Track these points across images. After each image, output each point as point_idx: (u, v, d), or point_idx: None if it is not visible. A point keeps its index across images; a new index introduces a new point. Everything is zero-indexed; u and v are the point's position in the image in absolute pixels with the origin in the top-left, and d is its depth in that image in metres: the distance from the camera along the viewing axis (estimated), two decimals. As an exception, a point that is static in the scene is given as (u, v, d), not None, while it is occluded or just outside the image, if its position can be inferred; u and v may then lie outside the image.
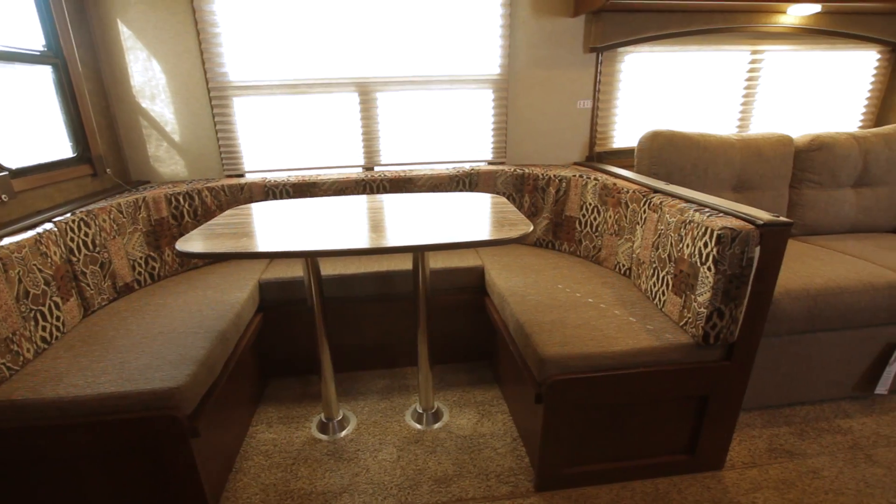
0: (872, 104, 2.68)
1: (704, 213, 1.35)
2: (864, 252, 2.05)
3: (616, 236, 1.88)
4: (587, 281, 1.82)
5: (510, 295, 1.72)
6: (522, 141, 2.44)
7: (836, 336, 1.78)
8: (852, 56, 2.56)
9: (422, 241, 1.27)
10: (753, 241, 1.22)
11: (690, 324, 1.38)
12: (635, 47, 2.32)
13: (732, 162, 2.14)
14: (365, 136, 2.37)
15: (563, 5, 2.24)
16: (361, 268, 1.99)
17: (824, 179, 2.24)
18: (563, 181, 2.12)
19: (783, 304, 1.65)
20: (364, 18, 2.17)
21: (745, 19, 2.30)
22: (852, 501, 1.48)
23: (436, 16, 2.20)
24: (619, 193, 1.83)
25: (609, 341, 1.39)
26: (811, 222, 2.28)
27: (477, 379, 2.12)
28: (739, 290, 1.27)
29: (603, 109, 2.42)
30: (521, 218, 1.44)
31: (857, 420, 1.84)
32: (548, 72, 2.33)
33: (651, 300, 1.62)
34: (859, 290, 1.73)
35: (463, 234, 1.31)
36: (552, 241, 2.21)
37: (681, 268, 1.41)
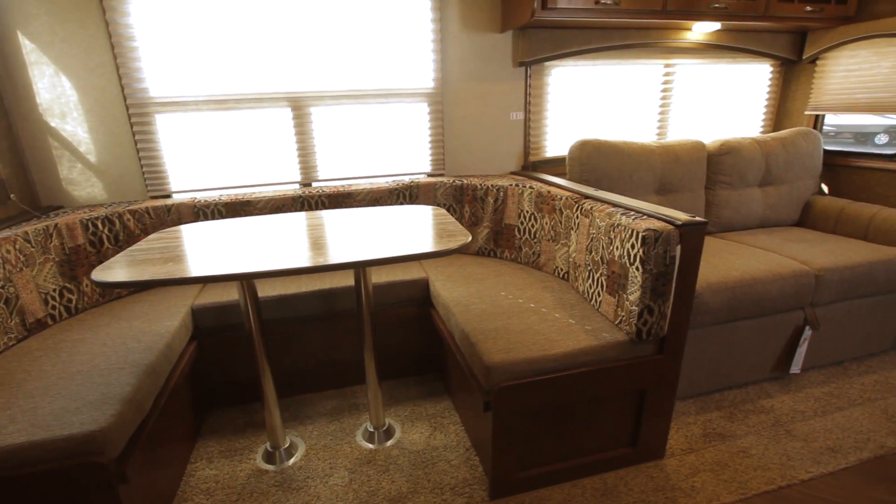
0: (770, 111, 2.98)
1: (630, 217, 1.44)
2: (771, 245, 2.26)
3: (553, 242, 1.95)
4: (528, 286, 1.87)
5: (455, 305, 1.73)
6: (460, 152, 2.49)
7: (754, 323, 1.95)
8: (751, 68, 2.84)
9: (362, 256, 1.25)
10: (674, 241, 1.31)
11: (624, 322, 1.46)
12: (561, 61, 2.45)
13: (654, 167, 2.29)
14: (301, 152, 2.32)
15: (491, 22, 2.32)
16: (303, 287, 1.94)
17: (734, 180, 2.46)
18: (501, 191, 2.18)
19: (705, 297, 1.78)
20: (295, 32, 2.14)
21: (657, 35, 2.49)
22: (777, 475, 1.61)
23: (368, 30, 2.20)
24: (554, 200, 1.91)
25: (551, 344, 1.43)
26: (725, 220, 2.49)
27: (428, 392, 2.11)
28: (665, 287, 1.36)
29: (534, 120, 2.52)
30: (460, 229, 1.46)
31: (777, 399, 2.01)
32: (480, 85, 2.40)
33: (588, 301, 1.69)
34: (770, 279, 1.90)
35: (403, 247, 1.31)
36: (494, 249, 2.26)
37: (612, 269, 1.49)
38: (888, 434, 1.79)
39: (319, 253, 1.30)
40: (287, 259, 1.25)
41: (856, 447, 1.72)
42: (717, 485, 1.58)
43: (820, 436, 1.78)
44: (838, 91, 2.59)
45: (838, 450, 1.71)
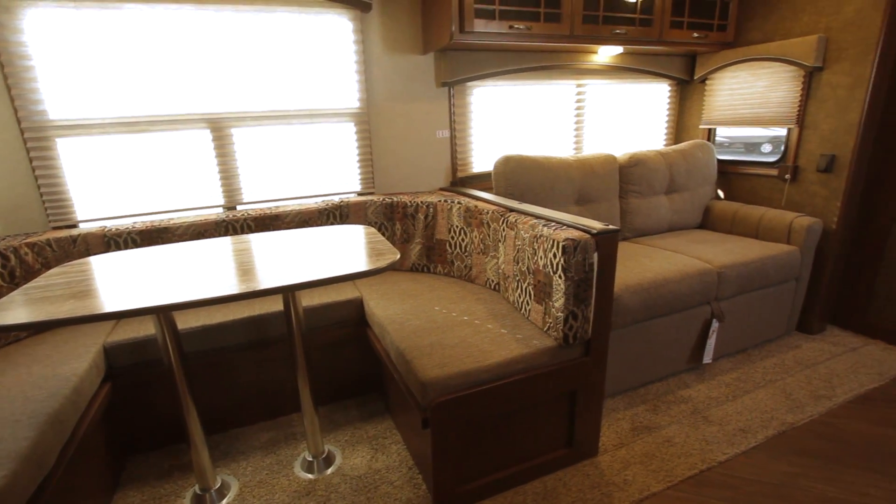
0: (670, 126, 3.28)
1: (551, 227, 1.52)
2: (679, 246, 2.47)
3: (483, 254, 2.01)
4: (462, 300, 1.91)
5: (389, 323, 1.73)
6: (389, 170, 2.51)
7: (668, 320, 2.11)
8: (651, 88, 3.13)
9: (289, 280, 1.23)
10: (592, 248, 1.41)
11: (552, 328, 1.53)
12: (481, 82, 2.56)
13: (573, 180, 2.45)
14: (223, 175, 2.23)
15: (412, 44, 2.38)
16: (229, 315, 1.85)
17: (643, 189, 2.68)
18: (431, 207, 2.22)
19: (624, 299, 1.91)
20: (213, 52, 2.07)
21: (567, 58, 2.68)
22: (698, 459, 1.75)
23: (290, 51, 2.18)
24: (481, 214, 1.98)
25: (485, 355, 1.47)
26: (639, 226, 2.69)
27: (368, 413, 2.08)
28: (587, 292, 1.45)
29: (460, 138, 2.60)
30: (389, 247, 1.47)
31: (694, 388, 2.19)
32: (406, 105, 2.45)
33: (519, 311, 1.76)
34: (679, 279, 2.08)
35: (332, 268, 1.30)
36: (427, 264, 2.28)
37: (538, 278, 1.57)
38: (787, 411, 2.00)
39: (246, 279, 1.26)
40: (209, 287, 1.20)
41: (762, 426, 1.91)
42: (647, 476, 1.68)
43: (732, 419, 1.96)
44: (725, 107, 2.91)
45: (748, 430, 1.89)
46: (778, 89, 2.62)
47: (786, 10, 2.58)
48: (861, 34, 2.27)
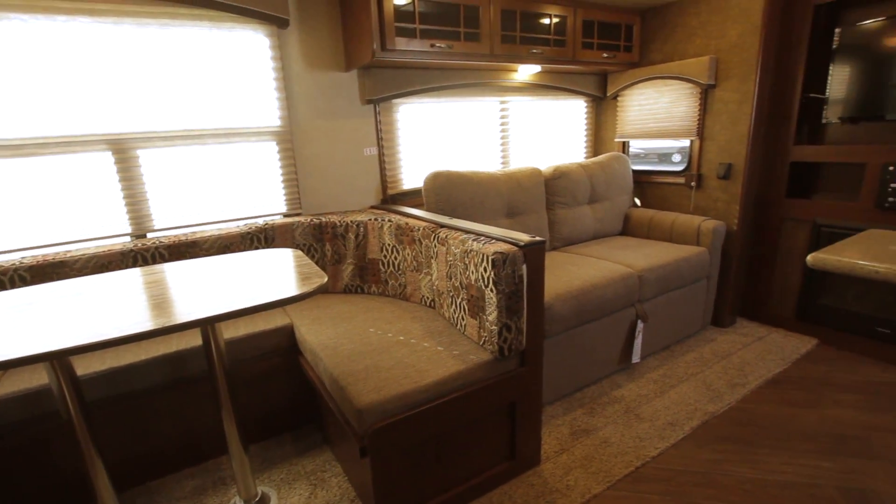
0: (589, 139, 3.48)
1: (481, 242, 1.53)
2: (603, 253, 2.60)
3: (416, 272, 1.99)
4: (397, 319, 1.87)
5: (322, 349, 1.65)
6: (316, 190, 2.43)
7: (598, 324, 2.20)
8: (570, 104, 3.30)
9: (206, 312, 1.13)
10: (520, 260, 1.44)
11: (487, 342, 1.54)
12: (407, 99, 2.56)
13: (501, 193, 2.51)
14: (129, 200, 2.04)
15: (335, 61, 2.34)
16: (141, 354, 1.67)
17: (568, 200, 2.80)
18: (361, 226, 2.17)
19: (556, 307, 1.97)
20: (113, 68, 1.90)
21: (490, 76, 2.76)
22: (633, 456, 1.82)
23: (202, 68, 2.06)
24: (413, 232, 1.96)
25: (422, 375, 1.44)
26: (566, 235, 2.81)
27: (305, 447, 1.96)
28: (518, 303, 1.47)
29: (388, 155, 2.58)
30: (316, 270, 1.41)
31: (626, 388, 2.28)
32: (330, 122, 2.39)
33: (455, 326, 1.75)
34: (605, 284, 2.18)
35: (254, 296, 1.21)
36: (360, 285, 2.22)
37: (471, 293, 1.57)
38: (709, 401, 2.14)
39: (159, 313, 1.14)
40: (115, 326, 1.07)
41: (688, 418, 2.03)
42: (588, 478, 1.71)
43: (661, 414, 2.06)
44: (636, 121, 3.14)
45: (676, 423, 2.00)
46: (680, 105, 2.86)
47: (681, 33, 2.84)
48: (744, 55, 2.55)
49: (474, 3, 2.25)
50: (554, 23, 2.57)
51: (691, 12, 2.76)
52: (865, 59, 2.34)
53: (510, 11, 2.38)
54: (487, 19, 2.30)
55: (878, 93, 2.31)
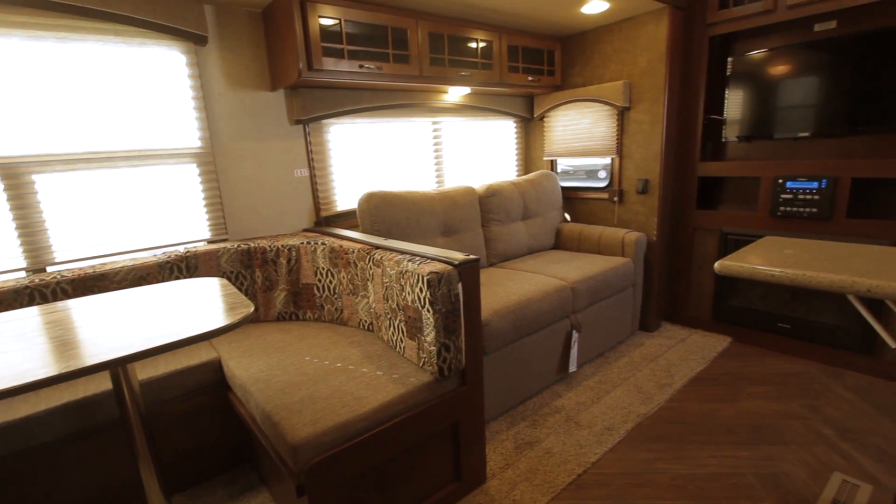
0: (520, 158, 3.62)
1: (416, 262, 1.53)
2: (538, 267, 2.68)
3: (353, 295, 1.94)
4: (334, 345, 1.81)
5: (253, 383, 1.55)
6: (244, 214, 2.32)
7: (536, 337, 2.25)
8: (500, 124, 3.42)
9: (114, 352, 1.02)
10: (455, 279, 1.44)
11: (427, 363, 1.52)
12: (338, 119, 2.53)
13: (437, 212, 2.52)
14: (22, 231, 1.83)
15: (259, 80, 2.27)
16: (41, 404, 1.48)
17: (502, 217, 2.88)
18: (293, 250, 2.09)
19: (494, 323, 1.99)
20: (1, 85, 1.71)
21: (421, 97, 2.80)
22: (574, 464, 1.86)
23: (109, 85, 1.91)
24: (347, 254, 1.91)
25: (360, 403, 1.39)
26: (502, 251, 2.87)
27: (240, 489, 1.82)
28: (455, 322, 1.47)
29: (320, 176, 2.52)
30: (242, 300, 1.33)
31: (565, 397, 2.35)
32: (257, 143, 2.30)
33: (394, 349, 1.72)
34: (541, 297, 2.24)
35: (171, 332, 1.12)
36: (295, 311, 2.13)
37: (408, 314, 1.55)
38: (641, 403, 2.25)
39: (60, 356, 1.01)
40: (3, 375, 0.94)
41: (623, 421, 2.11)
42: (533, 491, 1.73)
43: (599, 420, 2.13)
44: (561, 141, 3.30)
45: (612, 427, 2.07)
46: (600, 125, 3.06)
47: (597, 59, 3.04)
48: (653, 81, 2.77)
49: (402, 26, 2.28)
50: (481, 47, 2.66)
51: (605, 40, 2.97)
52: (754, 85, 2.63)
53: (438, 35, 2.44)
54: (416, 42, 2.34)
55: (767, 115, 2.60)
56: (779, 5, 2.43)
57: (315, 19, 1.99)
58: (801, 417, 2.09)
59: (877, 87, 2.23)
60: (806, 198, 2.46)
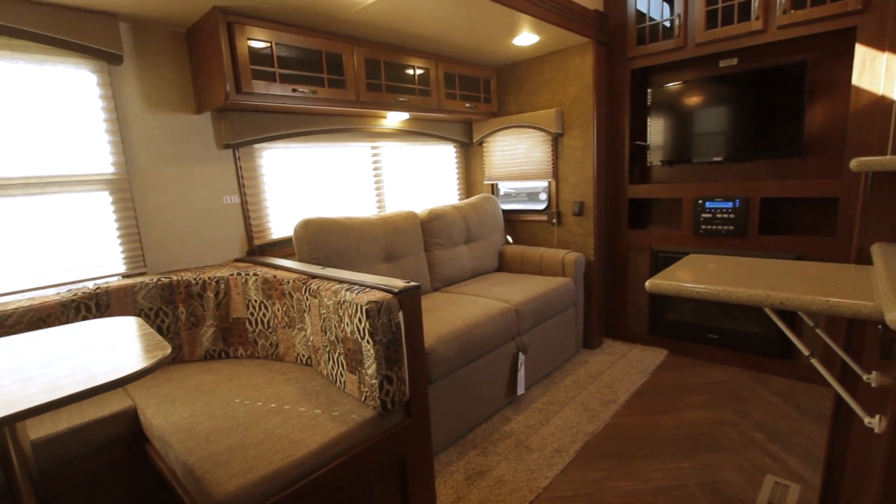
0: (461, 182, 3.65)
1: (354, 291, 1.45)
2: (482, 290, 2.68)
3: (289, 328, 1.82)
4: (269, 384, 1.67)
5: (173, 433, 1.39)
6: (166, 245, 2.13)
7: (483, 361, 2.22)
8: (441, 149, 3.45)
9: None
10: (396, 308, 1.38)
11: (369, 397, 1.43)
12: (271, 143, 2.43)
13: (378, 238, 2.46)
14: None
15: (183, 102, 2.13)
16: None
17: (445, 241, 2.86)
18: (222, 282, 1.94)
19: (439, 350, 1.94)
20: None
21: (360, 122, 2.77)
22: (526, 491, 1.82)
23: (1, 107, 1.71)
24: (282, 285, 1.80)
25: (297, 446, 1.28)
26: (446, 275, 2.85)
27: (157, 556, 1.61)
28: (397, 353, 1.41)
29: (253, 203, 2.39)
30: (157, 340, 1.19)
31: (515, 421, 2.32)
32: (181, 168, 2.15)
33: (334, 384, 1.62)
34: (486, 321, 2.22)
35: (69, 383, 0.97)
36: (224, 348, 1.96)
37: (348, 346, 1.47)
38: (588, 422, 2.26)
39: None
40: None
41: (572, 441, 2.11)
42: (484, 524, 1.66)
43: (548, 442, 2.12)
44: (500, 165, 3.38)
45: (562, 448, 2.06)
46: (536, 150, 3.16)
47: (530, 89, 3.17)
48: (582, 109, 2.92)
49: (337, 51, 2.25)
50: (418, 74, 2.68)
51: (537, 71, 3.11)
52: (672, 114, 2.84)
53: (374, 61, 2.43)
54: (352, 67, 2.32)
55: (685, 141, 2.81)
56: (688, 43, 2.66)
57: (244, 41, 1.92)
58: (734, 423, 2.19)
59: (773, 117, 2.48)
60: (723, 216, 2.65)
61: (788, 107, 2.42)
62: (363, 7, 2.03)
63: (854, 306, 0.84)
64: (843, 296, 0.88)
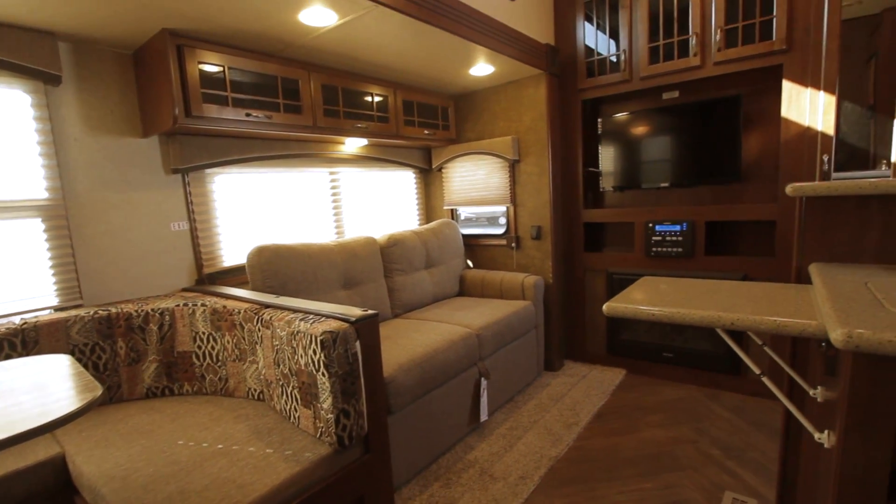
0: (421, 207, 3.66)
1: (309, 321, 1.40)
2: (443, 316, 2.65)
3: (240, 361, 1.72)
4: (217, 422, 1.57)
5: (106, 483, 1.26)
6: (105, 275, 2.00)
7: (445, 389, 2.18)
8: (400, 174, 3.45)
9: None
10: (353, 338, 1.34)
11: (325, 433, 1.36)
12: (223, 168, 2.35)
13: (336, 264, 2.41)
14: None
15: (128, 125, 2.04)
16: None
17: (405, 267, 2.84)
18: (166, 314, 1.82)
19: (399, 379, 1.89)
20: None
21: (317, 147, 2.73)
22: (490, 524, 1.76)
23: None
24: (232, 315, 1.71)
25: (245, 491, 1.19)
26: (406, 301, 2.81)
27: None
28: (355, 385, 1.35)
29: (203, 230, 2.29)
30: (87, 381, 1.09)
31: (478, 449, 2.27)
32: (125, 194, 2.04)
33: (288, 420, 1.53)
34: (447, 347, 2.19)
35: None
36: (168, 385, 1.83)
37: (302, 379, 1.40)
38: (551, 446, 2.25)
39: None
40: None
41: (536, 467, 2.08)
42: (449, 562, 1.59)
43: (513, 469, 2.08)
44: (459, 191, 3.41)
45: (526, 475, 2.03)
46: (494, 176, 3.22)
47: (488, 116, 3.25)
48: (537, 137, 3.01)
49: (293, 77, 2.23)
50: (376, 101, 2.69)
51: (494, 100, 3.20)
52: (621, 142, 2.97)
53: (332, 87, 2.42)
54: (308, 93, 2.30)
55: (634, 168, 2.94)
56: (633, 76, 2.82)
57: (194, 65, 1.87)
58: (692, 441, 2.24)
59: (714, 146, 2.64)
60: (672, 239, 2.77)
61: (727, 136, 2.59)
62: (319, 34, 2.03)
63: (800, 325, 0.88)
64: (788, 315, 0.92)
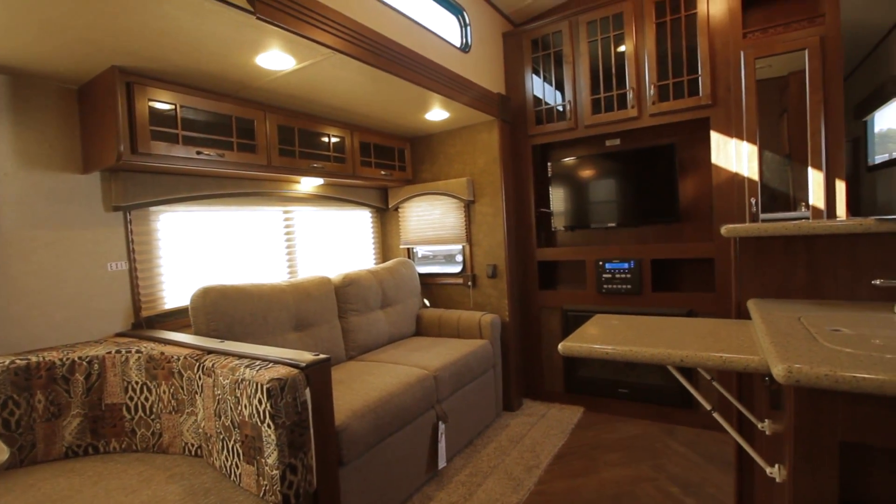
0: (377, 246, 3.64)
1: (255, 368, 1.32)
2: (399, 357, 2.59)
3: (177, 413, 1.59)
4: (146, 484, 1.42)
5: (8, 562, 1.10)
6: (27, 319, 1.82)
7: (401, 435, 2.10)
8: (356, 214, 3.44)
9: None
10: (302, 385, 1.27)
11: (269, 491, 1.27)
12: (169, 207, 2.25)
13: (287, 306, 2.32)
14: None
15: (67, 161, 1.93)
16: None
17: (360, 307, 2.77)
18: (95, 362, 1.67)
19: (353, 427, 1.80)
20: None
21: (271, 186, 2.68)
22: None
23: None
24: (170, 363, 1.59)
25: (175, 561, 1.07)
26: (361, 342, 2.73)
27: None
28: (303, 436, 1.28)
29: (144, 270, 2.16)
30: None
31: (437, 499, 2.17)
32: (58, 232, 1.90)
33: (228, 478, 1.41)
34: (403, 390, 2.12)
35: None
36: (93, 442, 1.66)
37: (245, 432, 1.31)
38: (512, 492, 2.18)
39: None
40: None
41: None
42: None
43: (471, 519, 2.00)
44: (416, 230, 3.43)
45: (485, 525, 1.95)
46: (450, 216, 3.26)
47: (443, 158, 3.33)
48: (491, 179, 3.11)
49: (248, 117, 2.21)
50: (333, 142, 2.70)
51: (449, 143, 3.29)
52: (570, 184, 3.11)
53: (288, 128, 2.41)
54: (263, 132, 2.28)
55: (583, 209, 3.07)
56: (578, 124, 3.00)
57: (144, 102, 1.81)
58: (651, 479, 2.24)
59: (653, 189, 2.82)
60: (621, 276, 2.88)
61: (665, 180, 2.77)
62: (276, 77, 2.04)
63: (743, 361, 0.92)
64: (732, 351, 0.96)
